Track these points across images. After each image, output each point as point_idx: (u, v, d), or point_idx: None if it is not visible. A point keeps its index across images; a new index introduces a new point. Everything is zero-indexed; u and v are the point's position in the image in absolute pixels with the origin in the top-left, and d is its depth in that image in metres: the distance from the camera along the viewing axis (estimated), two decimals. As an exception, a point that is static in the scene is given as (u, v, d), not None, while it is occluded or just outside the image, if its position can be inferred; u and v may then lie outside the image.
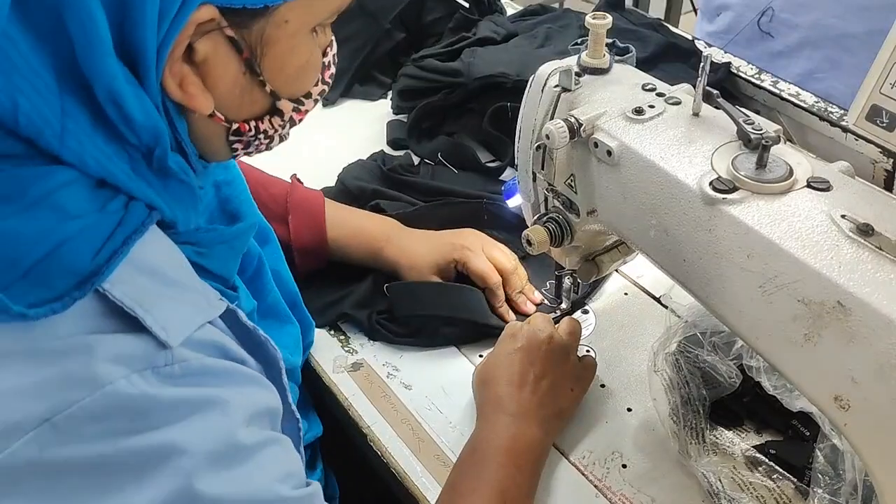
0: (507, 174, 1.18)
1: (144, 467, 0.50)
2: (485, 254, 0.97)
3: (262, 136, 0.62)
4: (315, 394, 0.92)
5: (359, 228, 1.00)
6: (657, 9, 2.41)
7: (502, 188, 1.14)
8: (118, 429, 0.49)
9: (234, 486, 0.52)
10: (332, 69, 0.65)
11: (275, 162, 1.05)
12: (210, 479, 0.51)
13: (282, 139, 0.65)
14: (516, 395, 0.80)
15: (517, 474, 0.76)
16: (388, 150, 1.25)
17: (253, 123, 0.61)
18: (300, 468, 0.60)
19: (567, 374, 0.85)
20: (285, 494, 0.55)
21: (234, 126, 0.60)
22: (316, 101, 0.64)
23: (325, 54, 0.63)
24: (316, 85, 0.63)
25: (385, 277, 0.99)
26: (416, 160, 1.21)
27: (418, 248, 0.99)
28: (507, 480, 0.74)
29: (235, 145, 0.62)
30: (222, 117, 0.58)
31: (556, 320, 0.97)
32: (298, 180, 1.03)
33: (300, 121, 0.64)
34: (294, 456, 0.60)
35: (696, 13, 2.49)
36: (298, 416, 0.68)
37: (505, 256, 0.98)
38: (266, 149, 0.65)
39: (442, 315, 0.94)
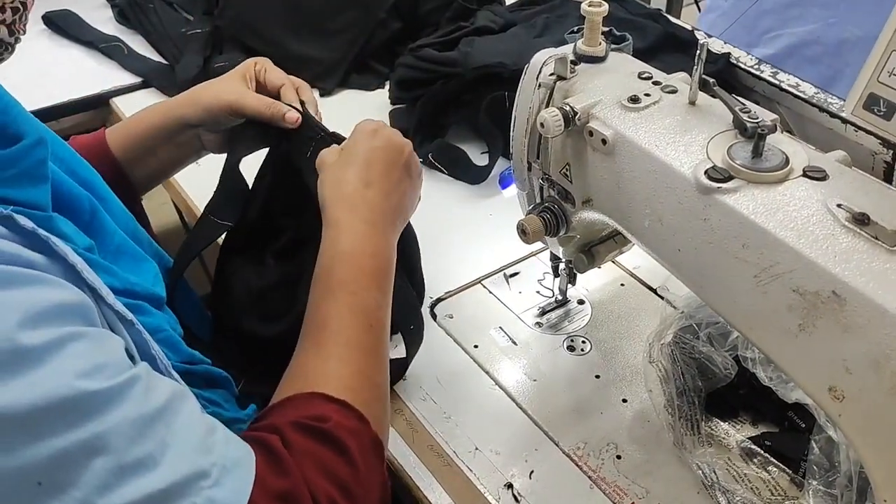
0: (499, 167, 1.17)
1: None
2: None
3: None
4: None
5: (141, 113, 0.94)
6: (658, 0, 2.40)
7: (498, 177, 1.14)
8: None
9: (19, 392, 0.49)
10: None
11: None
12: None
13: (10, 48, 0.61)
14: (372, 198, 0.76)
15: (380, 296, 0.73)
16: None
17: None
18: (117, 359, 0.56)
19: (416, 186, 0.82)
20: (90, 388, 0.51)
21: None
22: None
23: None
24: None
25: None
26: None
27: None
28: (373, 306, 0.72)
29: None
30: None
31: (551, 311, 0.97)
32: None
33: (21, 24, 0.61)
34: (109, 347, 0.56)
35: (697, 6, 2.48)
36: (138, 325, 0.63)
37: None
38: None
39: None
